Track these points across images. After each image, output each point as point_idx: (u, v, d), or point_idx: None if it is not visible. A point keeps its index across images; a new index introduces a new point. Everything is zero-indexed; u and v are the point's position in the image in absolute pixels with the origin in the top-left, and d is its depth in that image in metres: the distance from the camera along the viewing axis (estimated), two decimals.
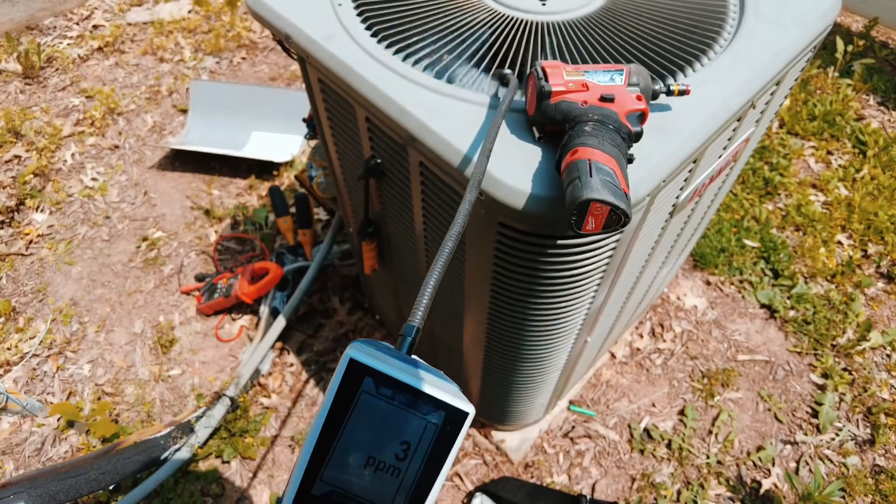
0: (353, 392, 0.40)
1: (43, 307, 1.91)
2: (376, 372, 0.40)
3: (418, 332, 0.45)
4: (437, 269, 0.49)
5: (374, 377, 0.40)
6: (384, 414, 0.40)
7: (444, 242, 0.52)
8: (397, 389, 0.40)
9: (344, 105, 0.97)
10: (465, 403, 0.41)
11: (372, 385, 0.40)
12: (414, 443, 0.40)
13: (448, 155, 0.78)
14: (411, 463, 0.40)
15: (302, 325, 1.83)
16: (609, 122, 0.70)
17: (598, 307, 1.05)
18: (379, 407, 0.40)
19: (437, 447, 0.40)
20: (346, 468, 0.40)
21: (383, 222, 1.20)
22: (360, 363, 0.40)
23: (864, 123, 2.57)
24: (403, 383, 0.40)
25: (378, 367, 0.40)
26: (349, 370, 0.39)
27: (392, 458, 0.40)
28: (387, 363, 0.40)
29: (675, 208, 0.98)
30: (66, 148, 2.33)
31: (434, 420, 0.41)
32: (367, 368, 0.40)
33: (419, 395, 0.40)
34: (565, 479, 1.60)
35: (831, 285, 2.05)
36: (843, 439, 1.73)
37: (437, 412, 0.40)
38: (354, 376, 0.39)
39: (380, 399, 0.40)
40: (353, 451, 0.40)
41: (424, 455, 0.40)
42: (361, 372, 0.39)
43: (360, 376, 0.40)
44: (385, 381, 0.40)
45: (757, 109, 0.99)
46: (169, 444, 1.38)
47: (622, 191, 0.63)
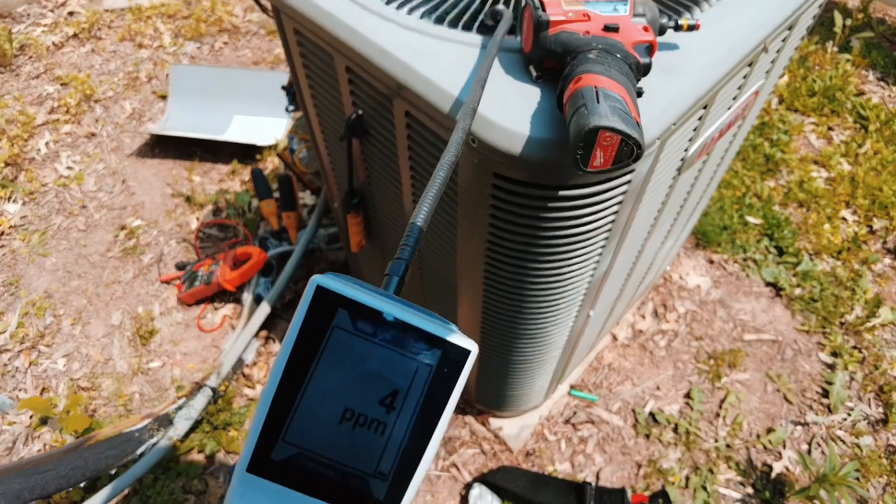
0: (324, 328, 0.30)
1: (15, 300, 1.82)
2: (353, 302, 0.30)
3: (407, 269, 0.36)
4: (427, 200, 0.40)
5: (349, 308, 0.30)
6: (364, 354, 0.31)
7: (436, 172, 0.43)
8: (380, 324, 0.31)
9: (322, 56, 0.88)
10: (466, 339, 0.32)
11: (347, 319, 0.31)
12: (403, 390, 0.31)
13: (437, 99, 0.70)
14: (400, 415, 0.31)
15: (288, 312, 1.75)
16: (615, 50, 0.62)
17: (603, 274, 0.97)
18: (357, 346, 0.31)
19: (432, 395, 0.31)
20: (316, 424, 0.31)
21: (369, 192, 1.12)
22: (331, 291, 0.30)
23: (865, 98, 2.51)
24: (388, 315, 0.32)
25: (355, 295, 0.31)
26: (317, 300, 0.30)
27: (376, 410, 0.31)
28: (365, 293, 0.32)
29: (683, 163, 0.90)
30: (40, 136, 2.23)
31: (428, 361, 0.31)
32: (341, 298, 0.30)
33: (409, 329, 0.31)
34: (568, 467, 1.52)
35: (837, 262, 1.98)
36: (856, 419, 1.66)
37: (432, 351, 0.31)
38: (324, 308, 0.30)
39: (358, 336, 0.31)
40: (324, 403, 0.30)
41: (416, 405, 0.31)
42: (333, 302, 0.30)
43: (331, 308, 0.30)
44: (364, 313, 0.31)
45: (769, 55, 0.92)
46: (146, 438, 1.30)
47: (633, 119, 0.55)
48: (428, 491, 1.47)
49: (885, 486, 1.55)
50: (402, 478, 0.31)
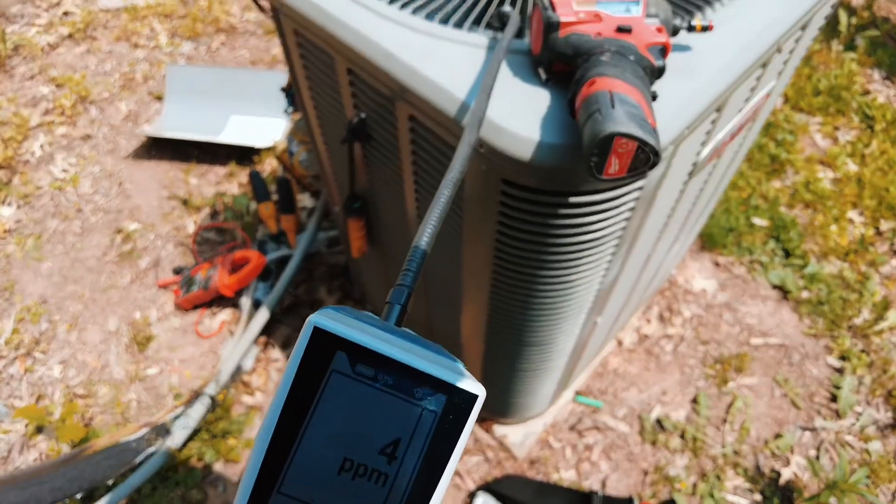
0: (321, 371, 0.28)
1: (10, 306, 1.79)
2: (351, 344, 0.28)
3: (409, 297, 0.33)
4: (431, 222, 0.38)
5: (348, 351, 0.28)
6: (364, 400, 0.28)
7: (440, 191, 0.41)
8: (381, 367, 0.28)
9: (323, 57, 0.85)
10: (473, 383, 0.29)
11: (346, 362, 0.28)
12: (406, 438, 0.29)
13: (442, 103, 0.68)
14: (402, 465, 0.28)
15: (287, 317, 1.72)
16: (628, 53, 0.59)
17: (612, 281, 0.94)
18: (356, 391, 0.28)
19: (436, 444, 0.29)
20: (313, 475, 0.28)
21: (371, 196, 1.09)
22: (328, 332, 0.28)
23: (871, 98, 2.48)
24: (389, 358, 0.29)
25: (354, 337, 0.28)
26: (314, 341, 0.28)
27: (377, 461, 0.29)
28: (366, 333, 0.29)
29: (695, 167, 0.87)
30: (35, 139, 2.20)
31: (432, 407, 0.29)
32: (339, 339, 0.28)
33: (411, 373, 0.28)
34: (573, 475, 1.49)
35: (844, 264, 1.95)
36: (864, 424, 1.63)
37: (436, 396, 0.28)
38: (321, 350, 0.28)
39: (357, 380, 0.28)
40: (321, 452, 0.28)
41: (420, 454, 0.29)
42: (331, 344, 0.28)
43: (329, 350, 0.28)
44: (364, 355, 0.28)
45: (782, 55, 0.89)
46: (143, 447, 1.27)
47: (650, 125, 0.52)
48: None
49: (895, 492, 1.52)
50: None
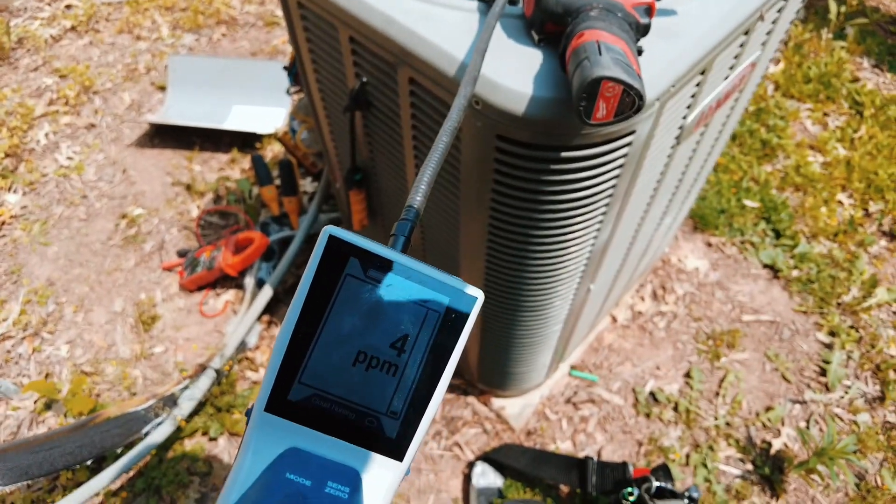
0: (336, 275, 0.32)
1: (17, 289, 1.82)
2: (363, 251, 0.32)
3: (413, 229, 0.37)
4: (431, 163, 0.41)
5: (360, 257, 0.32)
6: (376, 300, 0.33)
7: (439, 138, 0.44)
8: (390, 272, 0.33)
9: (326, 27, 0.89)
10: (473, 288, 0.34)
11: (359, 267, 0.32)
12: (413, 334, 0.33)
13: (442, 64, 0.72)
14: (411, 357, 0.33)
15: (289, 296, 1.75)
16: (615, 9, 0.64)
17: (604, 244, 0.98)
18: (368, 293, 0.32)
19: (440, 339, 0.33)
20: (331, 366, 0.32)
21: (372, 168, 1.13)
22: (342, 240, 0.32)
23: (860, 85, 2.53)
24: (398, 263, 0.33)
25: (365, 245, 0.32)
26: (329, 249, 0.31)
27: (387, 353, 0.32)
28: (374, 245, 0.33)
29: (682, 132, 0.91)
30: (40, 128, 2.24)
31: (436, 306, 0.33)
32: (352, 247, 0.32)
33: (421, 277, 0.33)
34: (569, 446, 1.53)
35: (834, 244, 2.00)
36: (853, 397, 1.68)
37: (441, 297, 0.33)
38: (336, 256, 0.32)
39: (369, 282, 0.33)
40: (338, 346, 0.32)
41: (426, 348, 0.33)
42: (345, 251, 0.32)
43: (343, 257, 0.32)
44: (375, 261, 0.32)
45: (765, 23, 0.93)
46: (151, 417, 1.30)
47: (635, 70, 0.56)
48: (431, 470, 1.48)
49: (882, 461, 1.56)
50: (413, 417, 0.33)
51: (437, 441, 1.53)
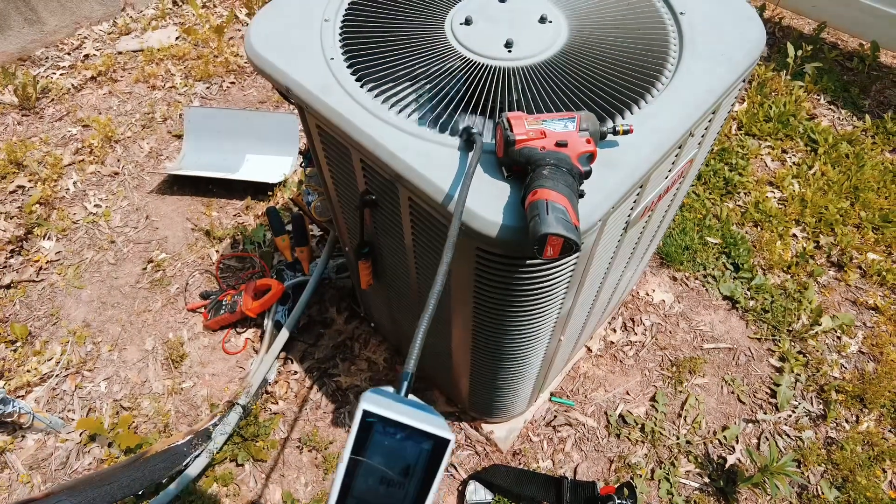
0: (368, 432, 0.54)
1: (57, 330, 2.04)
2: (384, 418, 0.54)
3: (413, 375, 0.60)
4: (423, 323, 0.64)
5: (382, 422, 0.54)
6: (391, 446, 0.55)
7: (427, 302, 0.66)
8: (399, 428, 0.54)
9: (340, 148, 1.12)
10: (448, 433, 0.56)
11: (381, 427, 0.54)
12: (413, 464, 0.55)
13: (433, 193, 0.94)
14: (412, 479, 0.55)
15: (303, 335, 1.98)
16: (563, 164, 0.86)
17: (568, 311, 1.21)
18: (387, 441, 0.54)
19: (429, 465, 0.54)
20: (368, 486, 0.54)
21: (377, 243, 1.35)
22: (371, 413, 0.54)
23: (815, 122, 2.77)
24: (403, 424, 0.55)
25: (385, 414, 0.55)
26: (363, 418, 0.54)
27: (398, 477, 0.55)
28: (390, 409, 0.56)
29: (628, 224, 1.14)
30: (68, 177, 2.45)
31: (426, 447, 0.55)
32: (377, 416, 0.54)
33: (415, 430, 0.54)
34: (550, 464, 1.76)
35: (787, 276, 2.23)
36: (799, 415, 1.91)
37: (429, 440, 0.55)
38: (367, 423, 0.54)
39: (387, 436, 0.55)
40: (371, 474, 0.54)
41: (421, 472, 0.55)
42: (373, 418, 0.54)
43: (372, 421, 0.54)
44: (390, 423, 0.54)
45: (696, 137, 1.16)
46: (190, 451, 1.53)
47: (573, 225, 0.79)
48: None
49: (823, 472, 1.80)
50: None
51: None
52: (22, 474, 1.72)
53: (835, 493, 1.74)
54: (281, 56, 1.12)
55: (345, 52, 1.13)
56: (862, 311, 2.17)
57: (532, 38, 1.14)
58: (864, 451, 1.83)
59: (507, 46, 1.13)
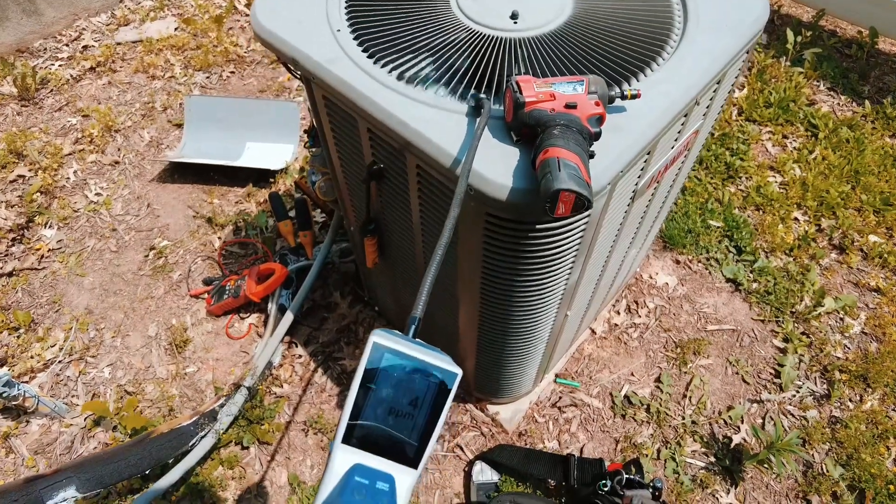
0: (377, 366, 0.54)
1: (60, 317, 2.03)
2: (394, 351, 0.55)
3: (420, 320, 0.60)
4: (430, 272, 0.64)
5: (392, 356, 0.55)
6: (400, 378, 0.55)
7: (435, 252, 0.66)
8: (408, 361, 0.55)
9: (347, 118, 1.12)
10: (455, 367, 0.56)
11: (390, 361, 0.55)
12: (421, 397, 0.56)
13: (441, 158, 0.93)
14: (420, 410, 0.55)
15: (307, 319, 1.98)
16: (573, 125, 0.86)
17: (575, 282, 1.21)
18: (396, 374, 0.55)
19: (437, 399, 0.55)
20: (377, 416, 0.55)
21: (383, 219, 1.35)
22: (381, 344, 0.54)
23: (816, 108, 2.78)
24: (412, 356, 0.56)
25: (394, 346, 0.55)
26: (373, 350, 0.54)
27: (407, 408, 0.55)
28: (399, 344, 0.56)
29: (635, 194, 1.14)
30: (68, 166, 2.44)
31: (434, 380, 0.56)
32: (387, 348, 0.55)
33: (423, 362, 0.55)
34: (556, 445, 1.76)
35: (789, 258, 2.24)
36: (803, 395, 1.92)
37: (436, 374, 0.55)
38: (378, 353, 0.54)
39: (395, 371, 0.55)
40: (381, 404, 0.55)
41: (429, 405, 0.55)
42: (382, 350, 0.54)
43: (381, 353, 0.54)
44: (400, 356, 0.55)
45: (702, 106, 1.16)
46: (197, 432, 1.52)
47: (585, 181, 0.79)
48: (437, 469, 1.71)
49: (828, 451, 1.80)
50: (422, 444, 0.55)
51: (441, 444, 1.76)
52: (27, 458, 1.71)
53: (840, 471, 1.74)
54: (287, 28, 1.12)
55: (350, 23, 1.13)
56: (864, 292, 2.17)
57: (538, 10, 1.14)
58: (869, 429, 1.83)
59: (512, 18, 1.13)
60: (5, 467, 1.71)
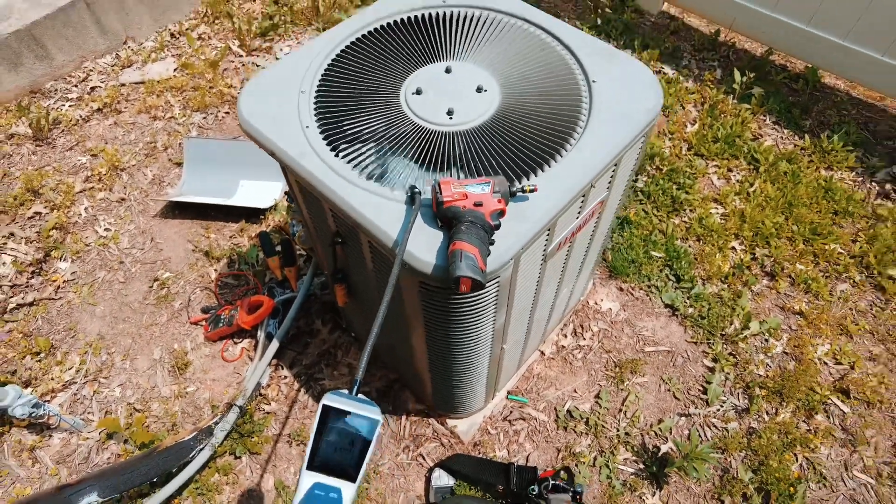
0: (327, 418, 0.82)
1: (75, 342, 2.31)
2: (336, 409, 0.83)
3: (359, 381, 0.88)
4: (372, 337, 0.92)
5: (335, 412, 0.83)
6: (342, 426, 0.83)
7: (377, 317, 0.94)
8: (346, 414, 0.83)
9: (315, 199, 1.39)
10: (378, 416, 0.84)
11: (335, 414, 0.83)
12: (357, 436, 0.83)
13: (383, 238, 1.21)
14: (354, 446, 0.83)
15: (292, 344, 2.26)
16: (478, 221, 1.14)
17: (502, 325, 1.49)
18: (339, 424, 0.83)
19: (366, 437, 0.82)
20: (328, 453, 0.82)
21: (348, 270, 1.63)
22: (329, 406, 0.82)
23: (759, 142, 3.05)
24: (348, 412, 0.83)
25: (337, 405, 0.83)
26: (323, 410, 0.82)
27: (347, 445, 0.83)
28: (343, 403, 0.83)
29: (546, 255, 1.42)
30: (80, 203, 2.72)
31: (365, 425, 0.83)
32: (332, 408, 0.83)
33: (356, 415, 0.83)
34: (505, 453, 2.04)
35: (724, 285, 2.51)
36: (726, 409, 2.19)
37: (366, 421, 0.83)
38: (326, 411, 0.82)
39: (339, 419, 0.83)
40: (329, 444, 0.82)
41: (362, 442, 0.83)
42: (329, 409, 0.82)
43: (328, 411, 0.82)
44: (340, 412, 0.83)
45: (599, 187, 1.43)
46: (195, 445, 1.80)
47: (480, 269, 1.07)
48: (402, 475, 1.99)
49: (743, 458, 2.08)
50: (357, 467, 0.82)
51: (406, 453, 2.04)
52: (51, 468, 1.99)
53: (750, 475, 2.02)
54: (266, 125, 1.38)
55: (318, 120, 1.39)
56: (789, 315, 2.45)
57: (469, 107, 1.41)
58: (780, 438, 2.11)
59: (448, 114, 1.40)
60: (31, 475, 1.99)
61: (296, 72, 1.48)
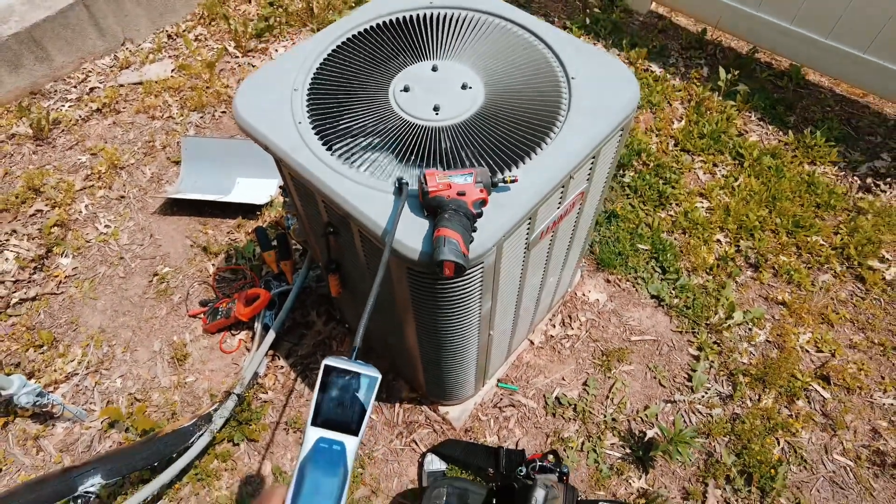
0: (328, 377, 0.89)
1: (77, 335, 2.38)
2: (337, 368, 0.89)
3: (357, 348, 0.94)
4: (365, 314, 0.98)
5: (337, 371, 0.89)
6: (342, 384, 0.89)
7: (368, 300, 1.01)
8: (346, 373, 0.89)
9: (307, 191, 1.46)
10: (376, 372, 0.90)
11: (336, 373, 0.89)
12: (357, 393, 0.90)
13: (372, 227, 1.27)
14: (355, 402, 0.89)
15: (288, 335, 2.32)
16: (461, 209, 1.20)
17: (489, 311, 1.55)
18: (340, 381, 0.89)
19: (366, 392, 0.89)
20: (331, 407, 0.89)
21: (341, 261, 1.70)
22: (330, 365, 0.89)
23: (744, 138, 3.12)
24: (348, 370, 0.89)
25: (338, 364, 0.89)
26: (325, 369, 0.89)
27: (348, 401, 0.89)
28: (343, 364, 0.90)
29: (529, 243, 1.48)
30: (80, 200, 2.78)
31: (365, 382, 0.90)
32: (333, 367, 0.89)
33: (356, 373, 0.89)
34: (496, 439, 2.11)
35: (709, 276, 2.58)
36: (711, 396, 2.26)
37: (366, 378, 0.90)
38: (328, 371, 0.89)
39: (339, 378, 0.89)
40: (331, 401, 0.89)
41: (362, 398, 0.89)
42: (331, 368, 0.89)
43: (330, 370, 0.89)
44: (341, 371, 0.89)
45: (577, 179, 1.49)
46: (195, 431, 1.87)
47: (463, 253, 1.13)
48: (395, 460, 2.06)
49: (726, 442, 2.15)
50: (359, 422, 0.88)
51: (400, 440, 2.10)
52: (55, 455, 2.05)
53: (732, 458, 2.09)
54: (260, 121, 1.45)
55: (310, 115, 1.46)
56: (772, 305, 2.52)
57: (455, 103, 1.47)
58: (762, 423, 2.18)
59: (435, 110, 1.47)
60: (36, 463, 2.06)
61: (289, 70, 1.54)
